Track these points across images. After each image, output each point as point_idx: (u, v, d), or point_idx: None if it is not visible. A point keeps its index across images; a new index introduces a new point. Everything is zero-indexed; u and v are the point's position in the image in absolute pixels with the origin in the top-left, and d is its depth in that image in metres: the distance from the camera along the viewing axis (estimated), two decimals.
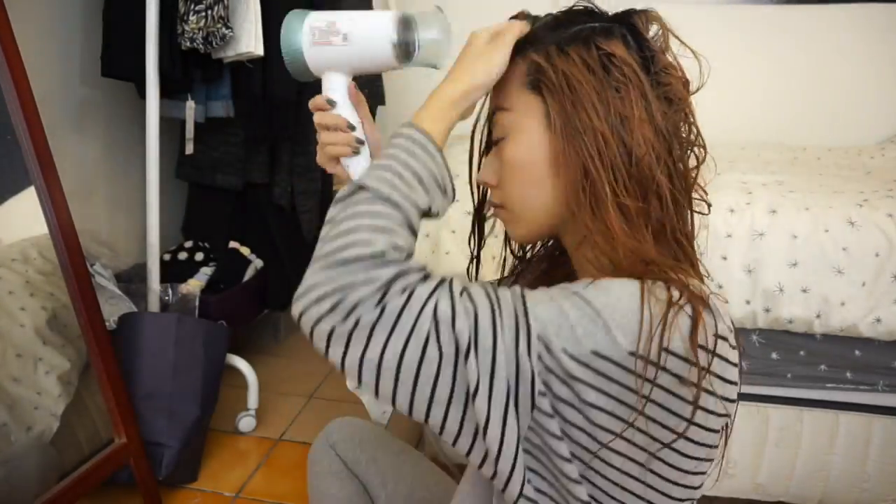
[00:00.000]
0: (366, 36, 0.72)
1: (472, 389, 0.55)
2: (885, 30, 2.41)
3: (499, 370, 0.55)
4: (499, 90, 0.72)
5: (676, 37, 0.69)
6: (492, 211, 0.77)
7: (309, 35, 0.73)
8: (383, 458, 0.99)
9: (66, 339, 1.45)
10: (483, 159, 0.78)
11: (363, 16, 0.73)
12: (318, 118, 0.76)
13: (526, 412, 0.57)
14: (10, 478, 1.27)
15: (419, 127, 0.66)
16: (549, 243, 0.85)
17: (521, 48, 0.70)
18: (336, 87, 0.76)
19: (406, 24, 0.71)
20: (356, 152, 0.77)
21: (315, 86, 0.77)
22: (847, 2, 2.41)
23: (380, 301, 0.55)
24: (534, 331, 0.56)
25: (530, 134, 0.69)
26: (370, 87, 2.27)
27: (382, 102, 2.39)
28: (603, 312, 0.57)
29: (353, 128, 0.76)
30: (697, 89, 0.70)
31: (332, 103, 0.76)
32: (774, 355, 1.39)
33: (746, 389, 1.41)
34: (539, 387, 0.56)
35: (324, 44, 0.73)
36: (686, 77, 0.69)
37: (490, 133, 0.75)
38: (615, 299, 0.57)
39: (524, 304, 0.58)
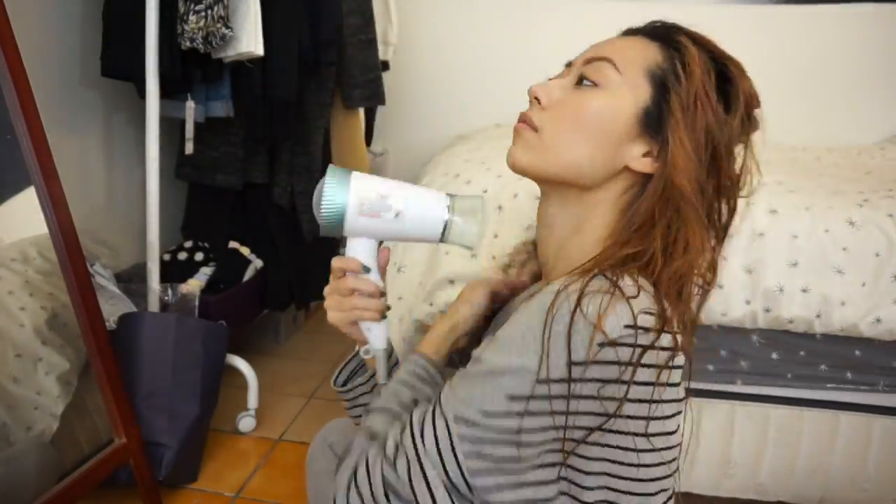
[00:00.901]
0: (419, 215, 0.72)
1: None
2: (885, 30, 2.41)
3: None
4: (619, 49, 0.73)
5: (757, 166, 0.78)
6: (516, 121, 0.76)
7: (356, 205, 0.71)
8: None
9: (66, 339, 1.45)
10: (553, 79, 0.76)
11: (415, 193, 0.73)
12: (352, 282, 0.76)
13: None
14: (10, 477, 1.27)
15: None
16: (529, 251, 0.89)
17: (665, 36, 0.73)
18: (368, 252, 0.75)
19: (453, 206, 0.73)
20: (383, 317, 0.78)
21: (314, 86, 0.76)
22: (847, 2, 2.41)
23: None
24: (454, 433, 0.63)
25: (620, 107, 0.70)
26: (370, 88, 2.27)
27: (382, 102, 2.39)
28: (500, 364, 0.63)
29: (383, 294, 0.78)
30: (747, 194, 0.77)
31: (366, 269, 0.76)
32: (774, 355, 1.39)
33: (747, 389, 1.41)
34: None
35: (372, 216, 0.71)
36: (741, 170, 0.76)
37: (586, 62, 0.74)
38: (516, 342, 0.62)
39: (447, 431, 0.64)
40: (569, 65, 0.76)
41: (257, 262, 2.10)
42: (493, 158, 1.55)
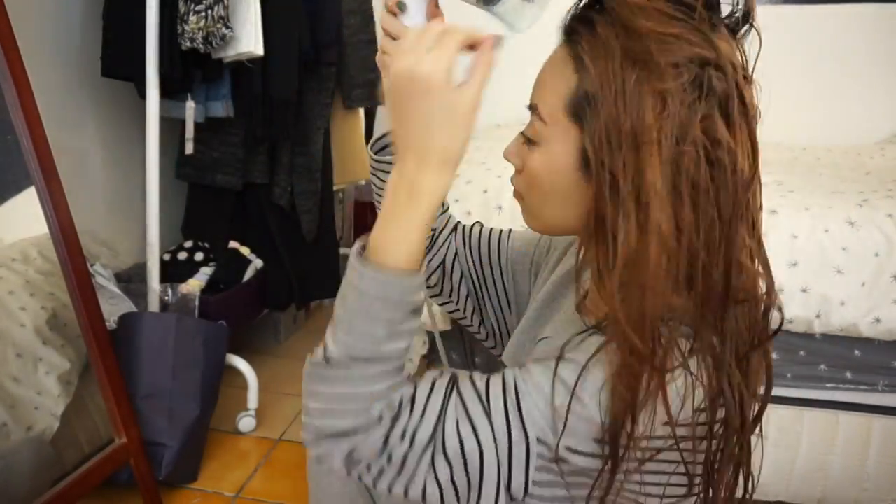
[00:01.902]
0: None
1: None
2: (885, 30, 2.41)
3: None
4: (541, 87, 0.64)
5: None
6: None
7: None
8: None
9: (66, 339, 1.45)
10: (518, 135, 0.70)
11: None
12: (383, 21, 0.68)
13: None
14: (7, 475, 1.27)
15: (376, 267, 0.57)
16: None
17: (571, 36, 0.61)
18: None
19: None
20: None
21: (314, 86, 0.74)
22: (847, 2, 2.41)
23: (383, 452, 0.57)
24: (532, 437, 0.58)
25: (558, 161, 0.63)
26: (370, 88, 2.27)
27: (382, 102, 2.38)
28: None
29: None
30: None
31: (402, 7, 0.66)
32: (774, 355, 1.39)
33: None
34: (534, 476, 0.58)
35: None
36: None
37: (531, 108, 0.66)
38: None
39: (521, 417, 0.58)
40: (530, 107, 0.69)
41: (257, 262, 2.10)
42: (493, 158, 1.56)
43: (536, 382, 0.58)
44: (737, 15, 0.60)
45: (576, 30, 0.61)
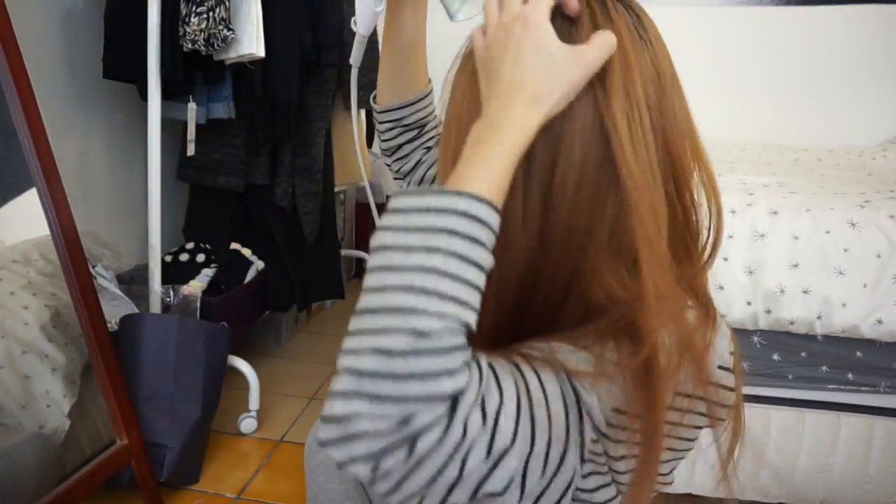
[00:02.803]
0: None
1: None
2: (886, 31, 2.41)
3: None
4: None
5: None
6: None
7: None
8: None
9: (70, 338, 1.46)
10: None
11: None
12: None
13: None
14: (12, 472, 1.28)
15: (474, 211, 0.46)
16: None
17: None
18: None
19: None
20: None
21: (315, 88, 0.76)
22: (847, 2, 2.42)
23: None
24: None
25: None
26: (371, 90, 2.27)
27: None
28: None
29: None
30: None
31: None
32: (776, 356, 1.39)
33: (748, 391, 1.41)
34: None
35: None
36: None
37: None
38: None
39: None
40: None
41: (259, 264, 2.10)
42: None
43: None
44: None
45: None
